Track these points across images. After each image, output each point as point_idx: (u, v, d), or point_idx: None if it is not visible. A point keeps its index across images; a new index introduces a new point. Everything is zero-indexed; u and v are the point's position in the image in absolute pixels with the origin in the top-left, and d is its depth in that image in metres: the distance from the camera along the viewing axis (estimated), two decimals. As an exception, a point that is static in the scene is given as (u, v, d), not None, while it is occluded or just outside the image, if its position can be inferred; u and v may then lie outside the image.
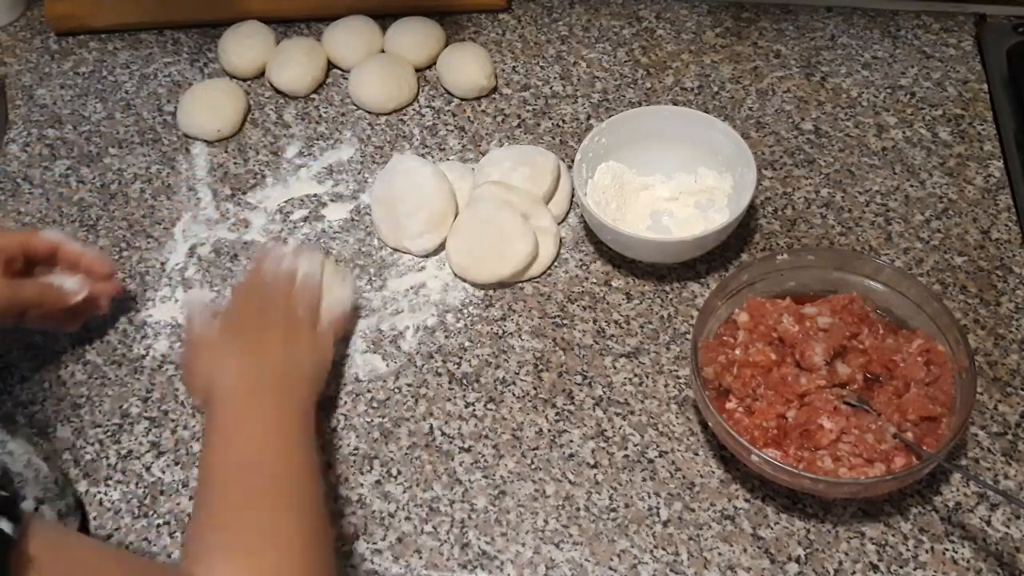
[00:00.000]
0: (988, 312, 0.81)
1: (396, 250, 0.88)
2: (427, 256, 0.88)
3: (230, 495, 0.63)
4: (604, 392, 0.79)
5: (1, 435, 0.63)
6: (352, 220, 0.91)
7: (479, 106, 0.99)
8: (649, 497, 0.73)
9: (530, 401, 0.79)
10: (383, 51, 1.03)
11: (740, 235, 0.86)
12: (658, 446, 0.76)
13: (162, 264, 0.89)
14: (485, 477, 0.75)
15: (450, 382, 0.80)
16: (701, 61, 1.01)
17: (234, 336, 0.74)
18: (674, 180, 0.89)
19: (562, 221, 0.90)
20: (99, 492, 0.75)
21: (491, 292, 0.85)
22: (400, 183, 0.88)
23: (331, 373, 0.77)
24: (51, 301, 0.78)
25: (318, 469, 0.68)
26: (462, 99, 0.99)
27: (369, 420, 0.78)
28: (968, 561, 0.69)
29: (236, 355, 0.72)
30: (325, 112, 1.00)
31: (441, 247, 0.87)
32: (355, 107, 1.00)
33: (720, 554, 0.70)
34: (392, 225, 0.88)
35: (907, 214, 0.88)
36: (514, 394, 0.79)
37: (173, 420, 0.79)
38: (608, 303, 0.84)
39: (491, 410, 0.78)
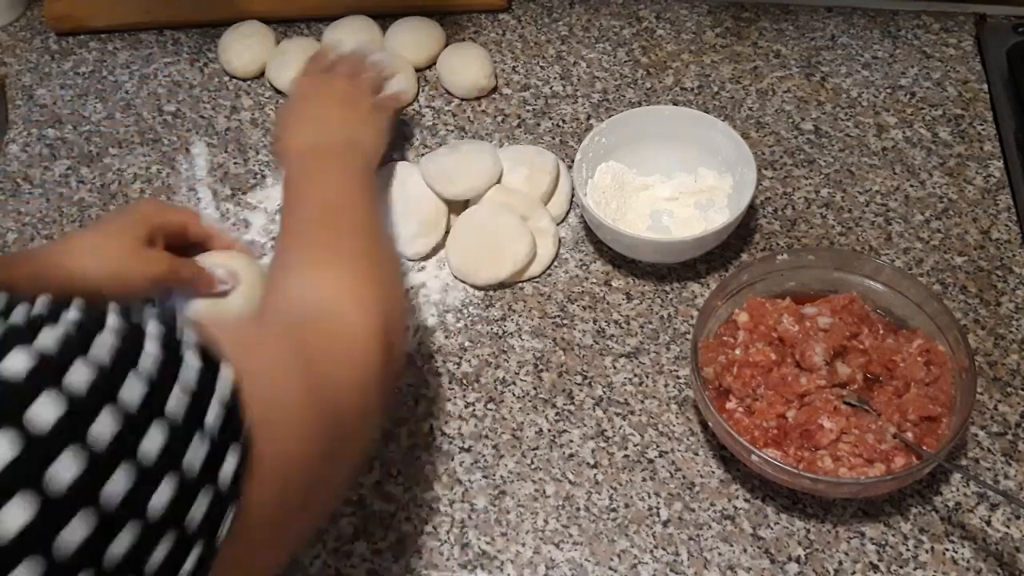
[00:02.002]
0: (988, 312, 0.81)
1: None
2: (419, 259, 0.88)
3: (305, 238, 0.66)
4: (604, 392, 0.79)
5: None
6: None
7: (479, 106, 0.99)
8: (649, 497, 0.73)
9: (530, 401, 0.79)
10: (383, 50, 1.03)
11: (740, 235, 0.86)
12: (658, 446, 0.76)
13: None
14: (485, 477, 0.75)
15: (450, 382, 0.80)
16: (701, 61, 1.01)
17: (298, 112, 0.81)
18: (674, 180, 0.89)
19: (562, 221, 0.90)
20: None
21: (491, 292, 0.85)
22: (391, 188, 0.88)
23: (388, 146, 0.84)
24: (202, 285, 0.82)
25: (381, 219, 0.75)
26: (462, 99, 0.99)
27: (369, 420, 0.78)
28: (968, 561, 0.69)
29: (304, 121, 0.80)
30: (325, 112, 1.00)
31: (435, 250, 0.87)
32: (355, 107, 1.00)
33: (720, 554, 0.70)
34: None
35: (907, 214, 0.88)
36: (514, 394, 0.79)
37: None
38: (608, 303, 0.84)
39: (491, 410, 0.78)
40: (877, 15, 1.04)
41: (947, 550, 0.69)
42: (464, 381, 0.80)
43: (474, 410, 0.78)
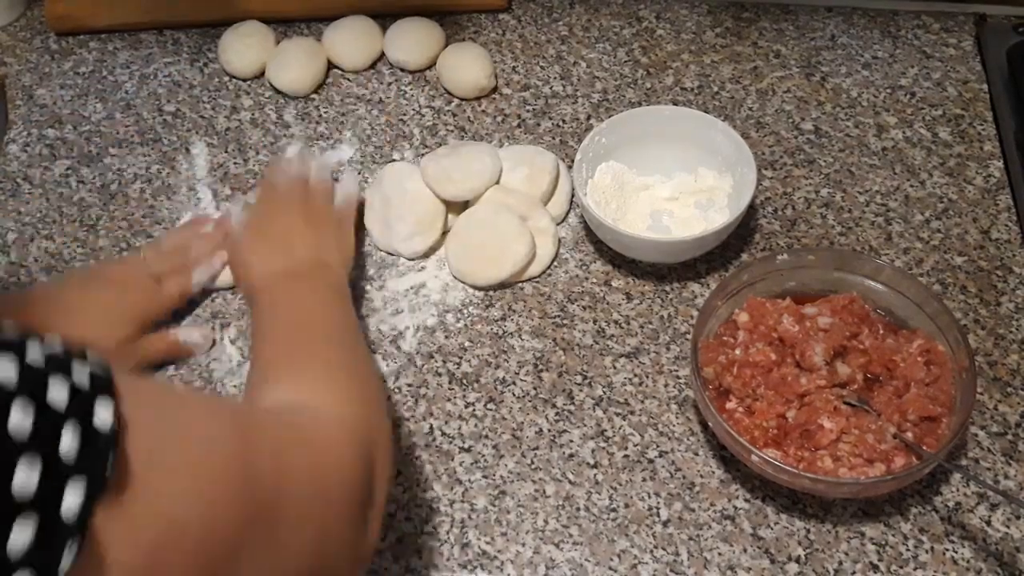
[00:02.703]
0: (988, 312, 0.81)
1: (387, 253, 0.89)
2: (417, 259, 0.88)
3: (280, 350, 0.65)
4: (604, 392, 0.79)
5: None
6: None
7: (479, 106, 0.99)
8: (649, 497, 0.73)
9: (530, 401, 0.79)
10: (382, 51, 1.03)
11: (740, 235, 0.86)
12: (658, 446, 0.76)
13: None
14: (485, 477, 0.75)
15: (450, 382, 0.80)
16: (701, 61, 1.01)
17: (261, 238, 0.78)
18: (674, 180, 0.89)
19: (562, 221, 0.90)
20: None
21: (491, 292, 0.85)
22: (389, 187, 0.88)
23: (356, 262, 0.82)
24: (175, 356, 0.81)
25: (359, 332, 0.72)
26: (462, 99, 0.99)
27: (369, 420, 0.78)
28: (968, 561, 0.69)
29: (266, 253, 0.76)
30: (325, 112, 1.00)
31: (432, 249, 0.87)
32: (355, 107, 1.00)
33: (720, 554, 0.70)
34: (383, 228, 0.88)
35: (907, 214, 0.88)
36: (514, 394, 0.79)
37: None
38: (608, 303, 0.84)
39: (491, 410, 0.78)
40: (877, 15, 1.04)
41: (947, 550, 0.69)
42: (464, 381, 0.80)
43: (474, 410, 0.78)
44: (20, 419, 0.33)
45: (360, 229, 0.87)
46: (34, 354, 0.35)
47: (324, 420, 0.55)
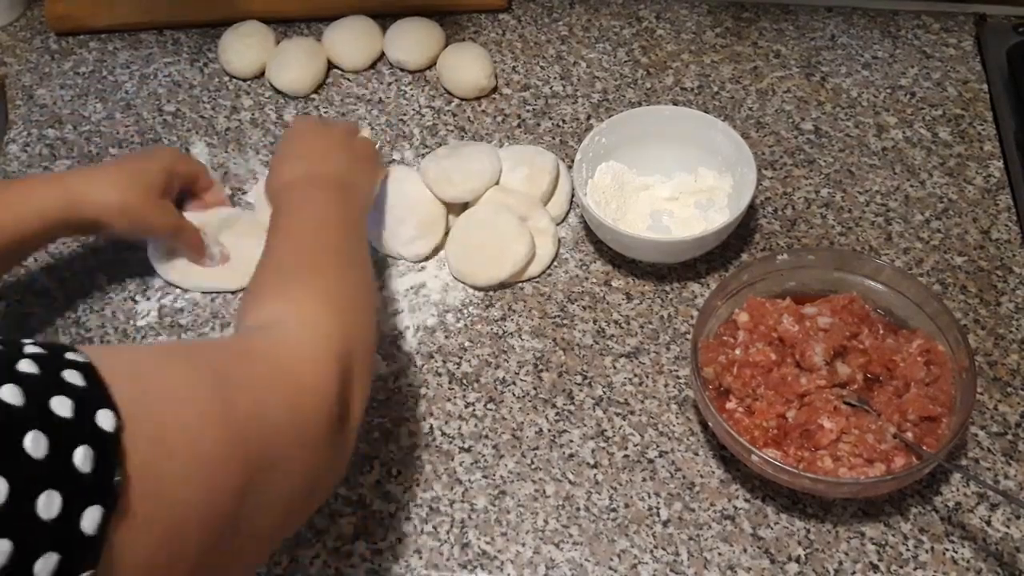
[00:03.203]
0: (988, 312, 0.81)
1: (387, 255, 0.88)
2: (420, 261, 0.88)
3: (279, 266, 0.65)
4: (604, 392, 0.79)
5: None
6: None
7: (479, 106, 0.99)
8: (649, 497, 0.73)
9: (530, 401, 0.79)
10: (382, 51, 1.03)
11: (740, 235, 0.86)
12: (658, 446, 0.76)
13: (162, 264, 0.89)
14: (485, 477, 0.75)
15: (450, 382, 0.80)
16: (701, 61, 1.01)
17: (296, 150, 0.79)
18: (674, 180, 0.89)
19: (562, 221, 0.90)
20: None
21: (491, 292, 0.85)
22: (389, 190, 0.88)
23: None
24: (194, 252, 0.85)
25: (367, 251, 0.71)
26: (462, 99, 0.99)
27: (369, 420, 0.78)
28: (968, 561, 0.69)
29: (298, 157, 0.78)
30: (325, 112, 1.00)
31: (434, 252, 0.87)
32: (355, 107, 1.00)
33: (720, 554, 0.70)
34: (384, 232, 0.88)
35: (907, 214, 0.88)
36: (514, 394, 0.79)
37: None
38: (608, 303, 0.84)
39: (491, 410, 0.78)
40: (877, 15, 1.04)
41: (947, 550, 0.69)
42: (464, 381, 0.80)
43: (474, 410, 0.78)
44: (34, 443, 0.34)
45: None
46: (27, 366, 0.36)
47: (298, 339, 0.55)
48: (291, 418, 0.49)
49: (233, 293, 0.86)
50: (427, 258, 0.87)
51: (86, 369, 0.38)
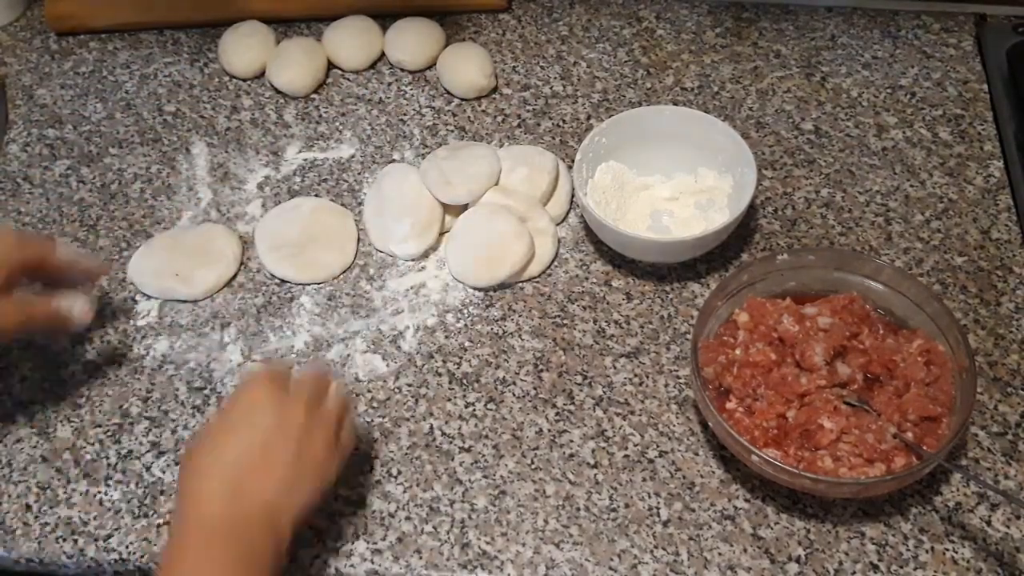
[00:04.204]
0: (988, 312, 0.81)
1: (383, 253, 0.88)
2: (414, 260, 0.88)
3: None
4: (604, 392, 0.79)
5: None
6: (353, 220, 0.91)
7: (479, 106, 0.99)
8: (649, 497, 0.73)
9: (530, 401, 0.79)
10: (382, 51, 1.03)
11: (740, 235, 0.86)
12: (658, 446, 0.76)
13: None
14: (485, 477, 0.75)
15: (450, 382, 0.80)
16: (701, 61, 1.01)
17: (239, 423, 0.65)
18: (674, 180, 0.89)
19: (562, 221, 0.90)
20: (99, 492, 0.75)
21: (491, 292, 0.85)
22: (388, 189, 0.88)
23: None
24: (59, 326, 0.74)
25: None
26: (462, 99, 0.99)
27: (369, 420, 0.78)
28: (968, 561, 0.69)
29: (214, 484, 0.62)
30: (325, 112, 1.00)
31: (426, 253, 0.87)
32: (355, 107, 1.00)
33: (720, 554, 0.70)
34: (380, 229, 0.88)
35: (907, 214, 0.88)
36: (514, 394, 0.79)
37: (173, 420, 0.79)
38: (608, 303, 0.84)
39: (491, 410, 0.78)
40: (877, 15, 1.04)
41: (947, 550, 0.69)
42: (464, 381, 0.80)
43: (474, 410, 0.78)
44: None
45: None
46: None
47: None
48: None
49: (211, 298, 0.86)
50: (419, 258, 0.87)
51: None
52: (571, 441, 0.76)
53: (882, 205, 0.89)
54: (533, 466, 0.75)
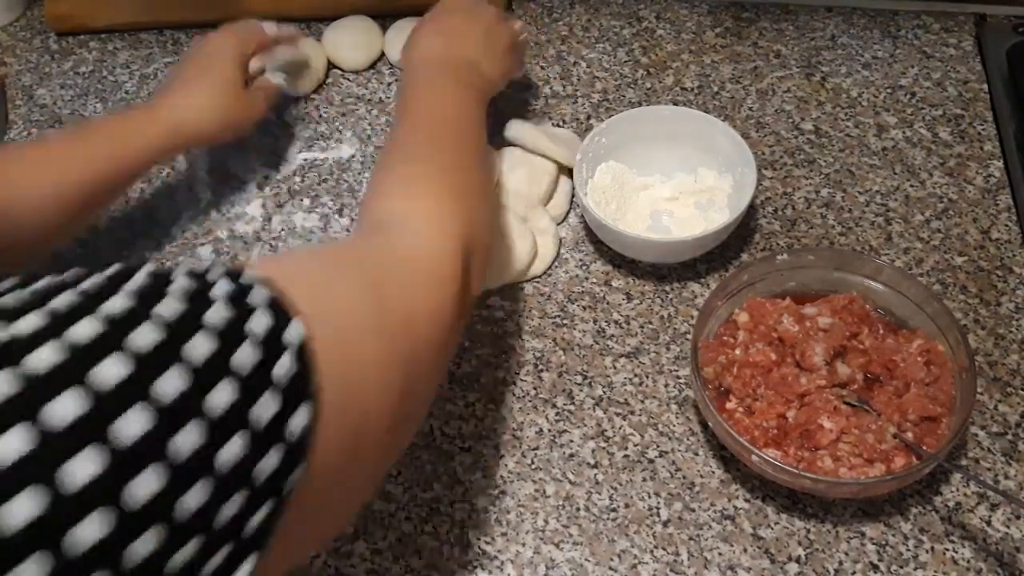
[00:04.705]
0: (988, 312, 0.81)
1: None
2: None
3: (406, 148, 0.68)
4: (604, 392, 0.79)
5: None
6: (353, 220, 0.91)
7: (479, 106, 0.99)
8: (649, 497, 0.73)
9: (530, 401, 0.79)
10: (382, 51, 1.03)
11: (740, 235, 0.86)
12: (658, 446, 0.76)
13: (162, 264, 0.89)
14: (485, 477, 0.75)
15: (450, 382, 0.80)
16: (701, 61, 1.01)
17: (436, 26, 0.82)
18: (674, 180, 0.89)
19: (562, 221, 0.90)
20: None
21: (491, 292, 0.85)
22: None
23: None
24: (271, 105, 0.90)
25: (484, 139, 0.75)
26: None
27: (369, 420, 0.78)
28: (968, 561, 0.69)
29: (439, 34, 0.81)
30: (325, 112, 1.00)
31: None
32: (355, 107, 1.00)
33: (720, 554, 0.70)
34: None
35: (907, 214, 0.88)
36: (514, 394, 0.79)
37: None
38: (608, 303, 0.84)
39: (491, 410, 0.78)
40: (877, 15, 1.04)
41: (947, 550, 0.69)
42: (464, 381, 0.80)
43: (474, 410, 0.78)
44: (248, 354, 0.37)
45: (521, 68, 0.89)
46: (220, 288, 0.39)
47: (428, 240, 0.58)
48: (429, 315, 0.54)
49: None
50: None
51: (268, 287, 0.40)
52: (571, 441, 0.76)
53: (882, 205, 0.89)
54: (533, 466, 0.75)
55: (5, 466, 0.30)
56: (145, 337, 0.34)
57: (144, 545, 0.32)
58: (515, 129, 0.90)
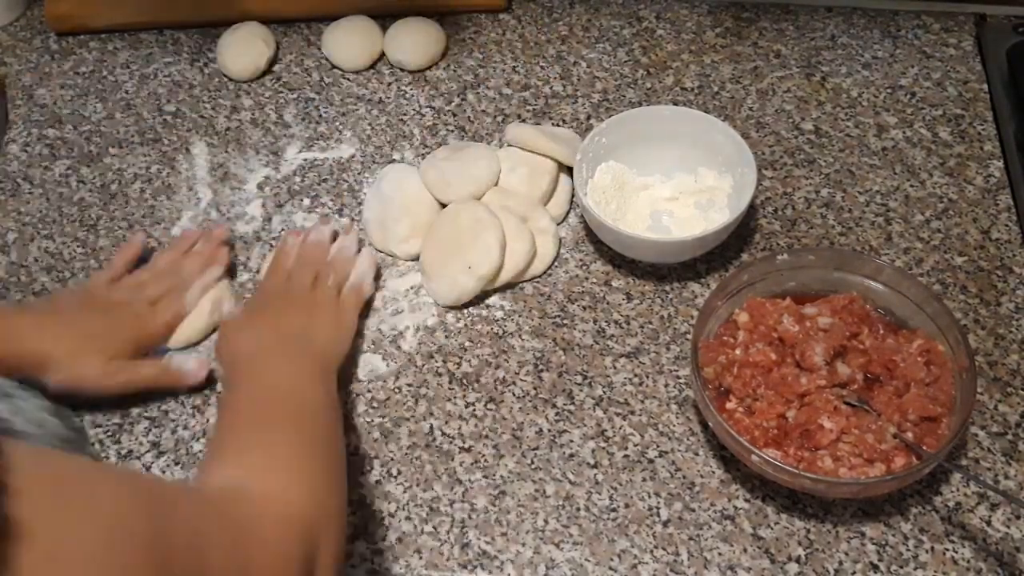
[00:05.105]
0: (988, 312, 0.81)
1: (383, 253, 0.89)
2: (414, 260, 0.88)
3: (236, 424, 0.64)
4: (604, 392, 0.79)
5: (13, 391, 0.59)
6: (352, 220, 0.91)
7: (479, 106, 0.99)
8: (649, 497, 0.73)
9: (530, 401, 0.79)
10: (382, 51, 1.03)
11: (740, 235, 0.86)
12: (658, 446, 0.76)
13: (162, 264, 0.89)
14: (485, 477, 0.75)
15: (450, 382, 0.80)
16: (701, 61, 1.01)
17: (257, 314, 0.78)
18: (674, 180, 0.89)
19: (562, 221, 0.90)
20: (99, 492, 0.75)
21: (491, 292, 0.85)
22: (388, 189, 0.88)
23: (352, 344, 0.79)
24: (166, 384, 0.79)
25: (335, 409, 0.69)
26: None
27: (369, 420, 0.78)
28: (968, 561, 0.69)
29: (255, 328, 0.76)
30: (325, 112, 1.00)
31: None
32: (355, 107, 1.00)
33: (720, 554, 0.70)
34: (380, 229, 0.88)
35: (907, 214, 0.88)
36: (514, 394, 0.79)
37: (173, 420, 0.79)
38: (608, 303, 0.84)
39: (491, 410, 0.78)
40: (877, 15, 1.04)
41: (947, 550, 0.69)
42: (464, 381, 0.80)
43: (474, 410, 0.78)
44: None
45: (363, 315, 0.83)
46: None
47: (261, 508, 0.53)
48: (235, 566, 0.48)
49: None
50: (419, 258, 0.87)
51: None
52: (571, 441, 0.76)
53: (882, 205, 0.89)
54: (533, 466, 0.75)
55: None
56: None
57: None
58: (515, 129, 0.90)
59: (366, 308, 0.84)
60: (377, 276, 0.85)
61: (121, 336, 0.77)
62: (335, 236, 0.86)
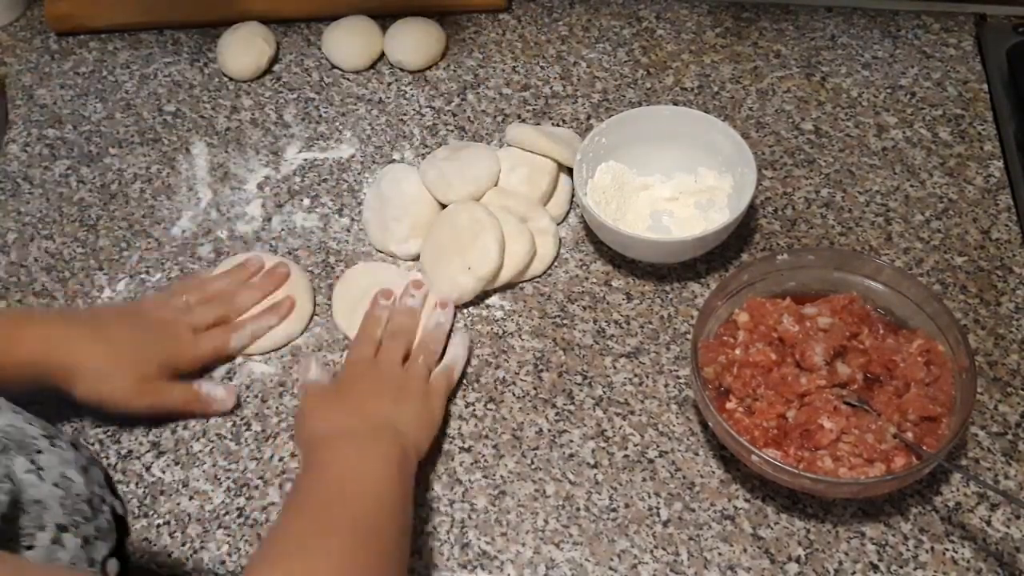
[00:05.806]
0: (988, 312, 0.81)
1: (383, 253, 0.89)
2: (414, 260, 0.88)
3: (297, 520, 0.61)
4: (604, 392, 0.79)
5: (39, 443, 0.59)
6: (353, 220, 0.91)
7: (479, 106, 0.99)
8: (649, 497, 0.73)
9: (530, 401, 0.79)
10: (382, 51, 1.03)
11: (740, 235, 0.86)
12: (658, 446, 0.76)
13: (162, 265, 0.89)
14: (485, 477, 0.75)
15: (450, 382, 0.80)
16: (701, 61, 1.01)
17: (344, 395, 0.74)
18: (674, 180, 0.89)
19: (562, 221, 0.90)
20: (99, 492, 0.75)
21: (491, 292, 0.85)
22: (388, 188, 0.88)
23: (440, 430, 0.75)
24: (194, 410, 0.77)
25: (407, 508, 0.66)
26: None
27: (369, 420, 0.78)
28: (968, 561, 0.69)
29: (339, 410, 0.72)
30: (325, 112, 1.00)
31: None
32: (355, 107, 1.00)
33: (720, 554, 0.70)
34: (380, 229, 0.88)
35: (907, 214, 0.88)
36: (514, 394, 0.79)
37: (173, 420, 0.79)
38: (608, 303, 0.84)
39: (491, 410, 0.78)
40: (877, 15, 1.04)
41: (947, 550, 0.69)
42: (464, 381, 0.80)
43: (474, 410, 0.78)
44: None
45: (450, 400, 0.78)
46: None
47: None
48: None
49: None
50: (419, 258, 0.87)
51: None
52: (571, 441, 0.76)
53: (882, 205, 0.89)
54: (533, 466, 0.75)
55: None
56: None
57: None
58: (515, 129, 0.90)
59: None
60: (468, 359, 0.80)
61: (156, 356, 0.75)
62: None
